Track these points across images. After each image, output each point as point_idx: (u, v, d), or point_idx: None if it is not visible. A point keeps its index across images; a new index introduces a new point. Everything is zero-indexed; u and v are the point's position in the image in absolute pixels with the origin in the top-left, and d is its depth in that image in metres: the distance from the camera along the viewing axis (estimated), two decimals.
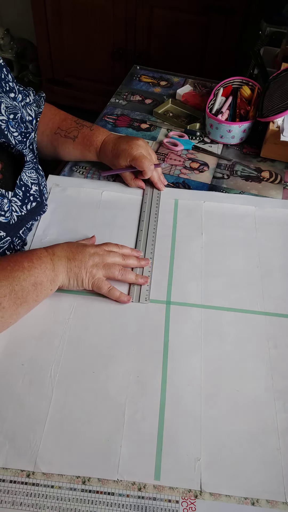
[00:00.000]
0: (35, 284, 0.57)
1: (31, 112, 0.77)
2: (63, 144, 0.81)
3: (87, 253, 0.62)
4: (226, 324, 0.61)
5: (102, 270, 0.62)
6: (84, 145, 0.80)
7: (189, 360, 0.57)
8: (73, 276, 0.60)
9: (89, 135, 0.80)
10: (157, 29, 1.74)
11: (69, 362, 0.56)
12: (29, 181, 0.68)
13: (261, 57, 1.06)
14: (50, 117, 0.82)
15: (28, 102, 0.78)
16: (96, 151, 0.80)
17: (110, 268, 0.62)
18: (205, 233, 0.73)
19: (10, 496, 0.46)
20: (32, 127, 0.77)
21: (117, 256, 0.64)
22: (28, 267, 0.56)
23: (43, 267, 0.58)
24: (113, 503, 0.46)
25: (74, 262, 0.60)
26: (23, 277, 0.56)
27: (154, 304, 0.63)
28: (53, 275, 0.59)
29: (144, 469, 0.48)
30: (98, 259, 0.62)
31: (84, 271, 0.60)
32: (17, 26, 2.20)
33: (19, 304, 0.56)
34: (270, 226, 0.75)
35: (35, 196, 0.69)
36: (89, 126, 0.81)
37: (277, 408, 0.53)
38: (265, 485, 0.48)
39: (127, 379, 0.55)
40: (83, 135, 0.80)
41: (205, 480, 0.48)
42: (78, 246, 0.62)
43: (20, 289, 0.55)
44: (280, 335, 0.60)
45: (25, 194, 0.67)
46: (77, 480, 0.47)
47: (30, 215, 0.68)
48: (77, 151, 0.82)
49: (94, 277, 0.61)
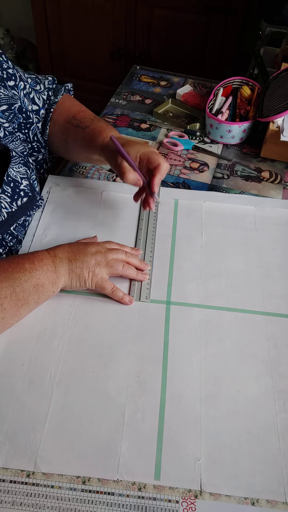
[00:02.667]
0: (37, 286, 0.56)
1: (39, 100, 0.74)
2: (73, 133, 0.74)
3: (89, 252, 0.61)
4: (226, 324, 0.61)
5: (105, 269, 0.61)
6: (92, 136, 0.71)
7: (189, 360, 0.57)
8: (75, 277, 0.60)
9: (102, 127, 0.71)
10: (157, 29, 1.74)
11: (69, 362, 0.56)
12: (18, 176, 0.66)
13: (261, 57, 1.06)
14: (67, 106, 0.78)
15: (38, 90, 0.74)
16: (103, 142, 0.68)
17: (113, 265, 0.62)
18: (205, 233, 0.73)
19: (10, 496, 0.46)
20: (38, 118, 0.74)
21: (120, 253, 0.64)
22: (29, 269, 0.56)
23: (44, 269, 0.57)
24: (113, 503, 0.46)
25: (75, 263, 0.60)
26: (24, 279, 0.55)
27: (154, 304, 0.63)
28: (54, 277, 0.58)
29: (144, 469, 0.48)
30: (101, 258, 0.61)
31: (86, 271, 0.60)
32: (17, 26, 2.20)
33: (20, 306, 0.56)
34: (270, 226, 0.75)
35: (26, 191, 0.67)
36: (105, 123, 0.75)
37: (277, 408, 0.53)
38: (265, 485, 0.48)
39: (127, 379, 0.55)
40: (95, 126, 0.72)
41: (205, 480, 0.48)
42: (79, 246, 0.62)
43: (21, 291, 0.55)
44: (280, 335, 0.60)
45: (15, 190, 0.65)
46: (77, 480, 0.47)
47: (21, 211, 0.67)
48: (84, 141, 0.73)
49: (97, 276, 0.60)
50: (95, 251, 0.62)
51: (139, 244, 0.70)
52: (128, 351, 0.58)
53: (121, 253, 0.64)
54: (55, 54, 2.00)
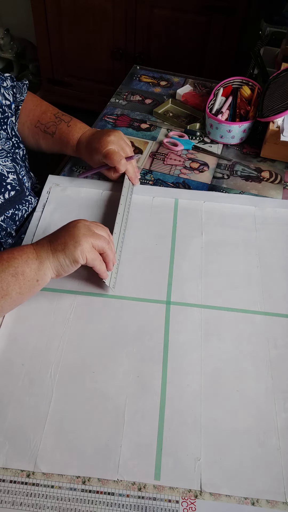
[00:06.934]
0: (16, 274, 0.54)
1: (9, 96, 0.77)
2: (43, 138, 0.82)
3: (70, 226, 0.57)
4: (226, 324, 0.61)
5: (90, 239, 0.57)
6: (61, 143, 0.80)
7: (189, 360, 0.57)
8: (61, 255, 0.56)
9: (66, 132, 0.80)
10: (157, 29, 1.74)
11: (69, 362, 0.56)
12: (4, 170, 0.67)
13: (261, 57, 1.06)
14: (31, 108, 0.82)
15: (5, 86, 0.77)
16: (73, 149, 0.80)
17: (99, 239, 0.58)
18: (205, 233, 0.73)
19: (10, 496, 0.46)
20: (11, 112, 0.77)
21: (103, 231, 0.60)
22: (7, 258, 0.54)
23: (24, 257, 0.55)
24: (113, 503, 0.46)
25: (57, 241, 0.56)
26: (1, 268, 0.53)
27: (154, 304, 0.63)
28: (37, 263, 0.56)
29: (144, 469, 0.48)
30: (85, 229, 0.57)
31: (71, 243, 0.55)
32: (17, 26, 2.20)
33: (0, 297, 0.54)
34: (270, 226, 0.75)
35: (13, 185, 0.68)
36: (67, 122, 0.81)
37: (277, 408, 0.53)
38: (265, 485, 0.48)
39: (127, 379, 0.55)
40: (60, 132, 0.80)
41: (205, 480, 0.48)
42: (60, 228, 0.59)
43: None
44: (280, 335, 0.60)
45: (1, 183, 0.66)
46: (77, 480, 0.47)
47: (9, 204, 0.67)
48: (56, 147, 0.82)
49: (83, 246, 0.56)
50: (77, 225, 0.58)
51: (115, 238, 0.68)
52: (128, 351, 0.58)
53: (105, 231, 0.60)
54: (55, 54, 2.00)
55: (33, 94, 0.84)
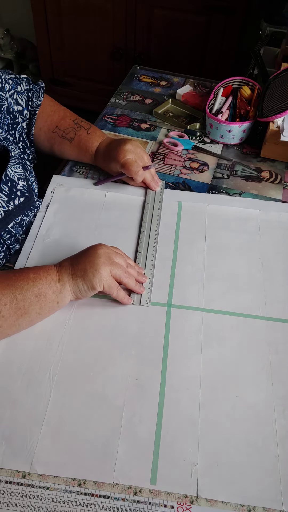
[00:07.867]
0: (39, 295, 0.55)
1: (22, 101, 0.76)
2: (60, 144, 0.81)
3: (91, 253, 0.58)
4: (227, 328, 0.60)
5: (109, 267, 0.58)
6: (80, 149, 0.80)
7: (188, 364, 0.57)
8: (80, 280, 0.57)
9: (85, 140, 0.80)
10: (157, 29, 1.74)
11: (68, 364, 0.56)
12: (15, 176, 0.67)
13: (261, 57, 1.05)
14: (49, 114, 0.81)
15: (19, 91, 0.77)
16: (92, 157, 0.81)
17: (118, 268, 0.59)
18: (209, 236, 0.72)
19: (5, 496, 0.46)
20: (22, 118, 0.76)
21: (121, 258, 0.61)
22: (33, 278, 0.56)
23: (48, 278, 0.56)
24: (109, 506, 0.46)
25: (78, 266, 0.58)
26: (27, 287, 0.54)
27: (155, 307, 0.62)
28: (59, 286, 0.57)
29: (140, 473, 0.48)
30: (105, 258, 0.58)
31: (91, 270, 0.57)
32: (17, 26, 2.20)
33: (20, 315, 0.54)
34: (274, 230, 0.74)
35: (22, 191, 0.68)
36: (87, 129, 0.81)
37: (276, 415, 0.53)
38: (262, 492, 0.47)
39: (126, 382, 0.54)
40: (79, 138, 0.80)
41: (201, 486, 0.47)
42: (82, 251, 0.60)
43: (22, 299, 0.54)
44: (281, 341, 0.59)
45: (12, 189, 0.66)
46: (72, 482, 0.47)
47: (18, 210, 0.68)
48: (73, 154, 0.82)
49: (101, 274, 0.57)
50: (98, 251, 0.59)
51: (141, 246, 0.70)
52: (128, 353, 0.57)
53: (122, 259, 0.61)
54: (55, 54, 1.99)
55: (50, 97, 0.83)
